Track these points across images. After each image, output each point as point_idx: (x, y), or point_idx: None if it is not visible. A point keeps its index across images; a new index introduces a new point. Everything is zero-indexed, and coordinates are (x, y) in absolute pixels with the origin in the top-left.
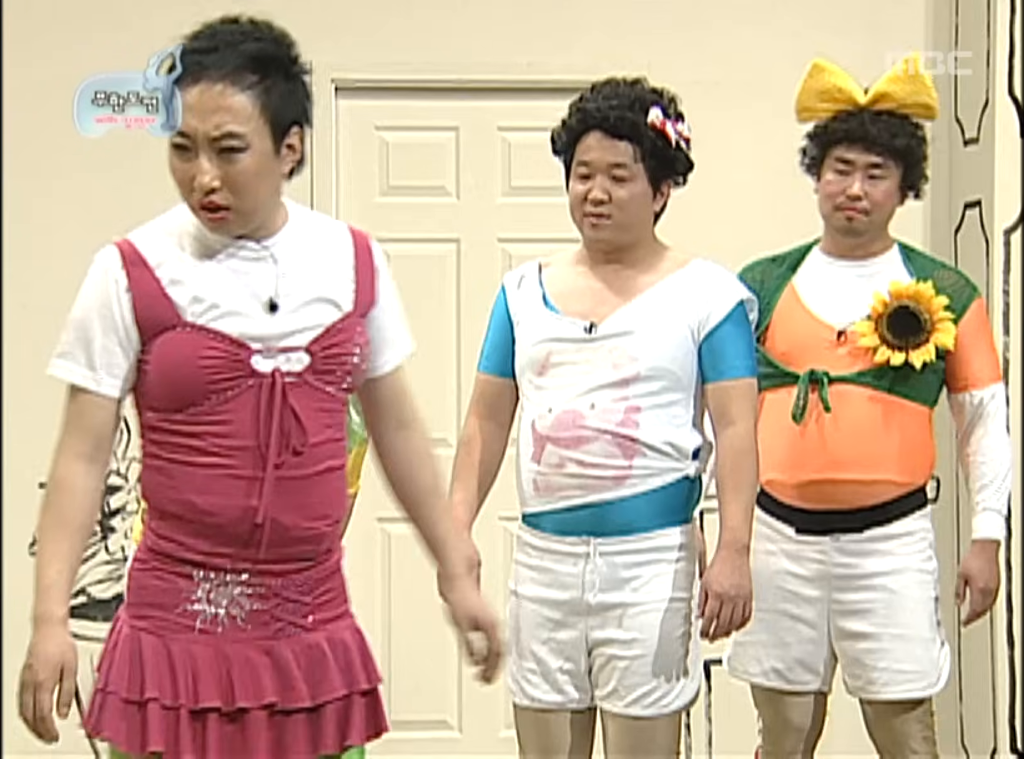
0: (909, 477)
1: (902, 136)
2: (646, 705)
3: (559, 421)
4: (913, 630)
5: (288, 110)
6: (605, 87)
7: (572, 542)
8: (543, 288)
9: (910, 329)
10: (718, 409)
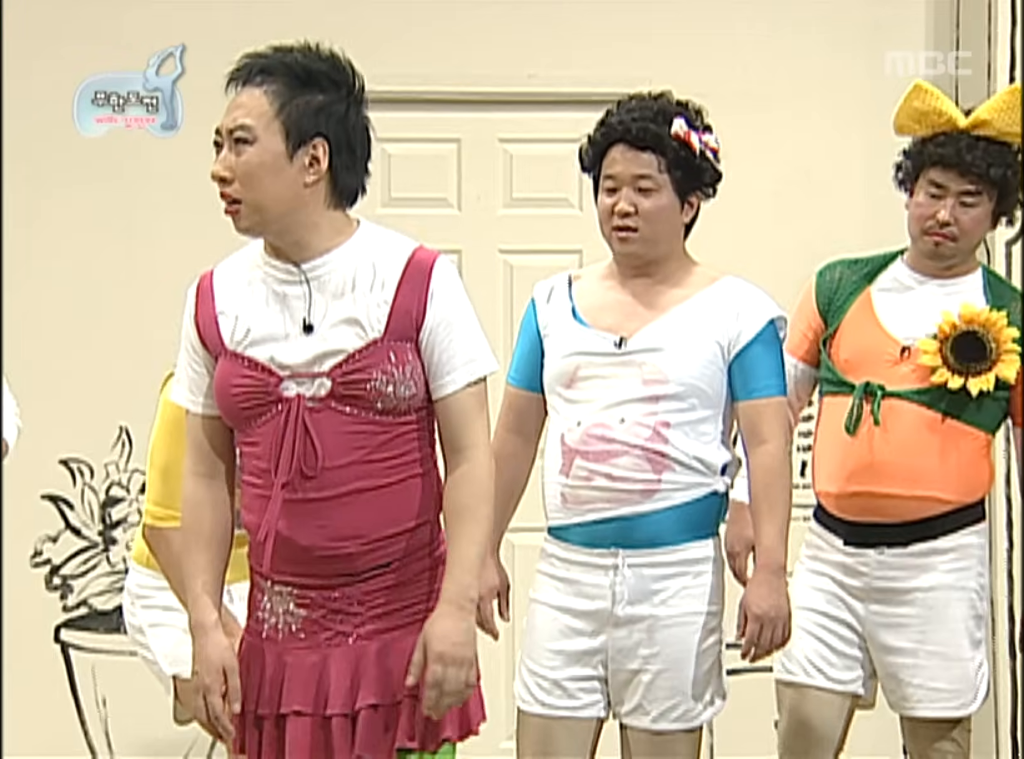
0: (956, 495)
1: (998, 165)
2: (672, 719)
3: (588, 435)
4: (951, 648)
5: (310, 120)
6: (630, 101)
7: (600, 554)
8: (572, 301)
9: (974, 355)
10: (749, 427)
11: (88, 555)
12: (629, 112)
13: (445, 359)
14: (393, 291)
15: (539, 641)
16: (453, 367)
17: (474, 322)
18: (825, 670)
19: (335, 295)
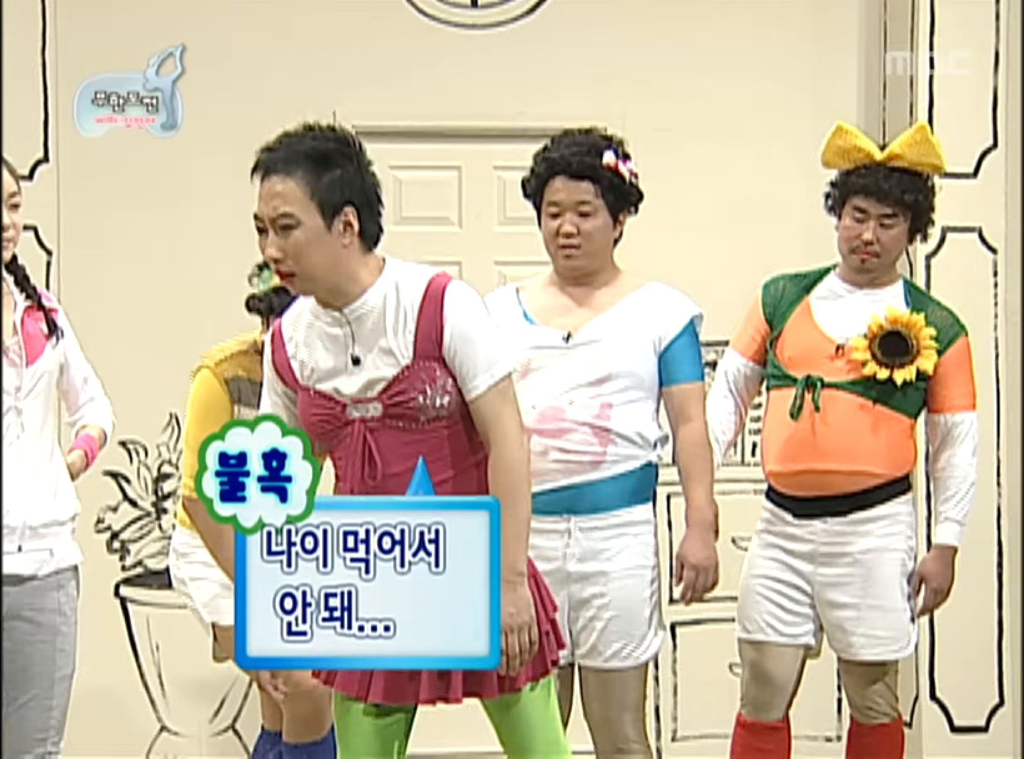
0: (886, 470)
1: (911, 191)
2: (622, 658)
3: (543, 415)
4: (887, 601)
5: (337, 193)
6: (564, 138)
7: (554, 520)
8: (522, 306)
9: (897, 351)
10: (677, 408)
11: (143, 523)
12: (567, 147)
13: (467, 368)
14: (415, 321)
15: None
16: (476, 374)
17: (489, 330)
18: (779, 627)
19: (372, 331)
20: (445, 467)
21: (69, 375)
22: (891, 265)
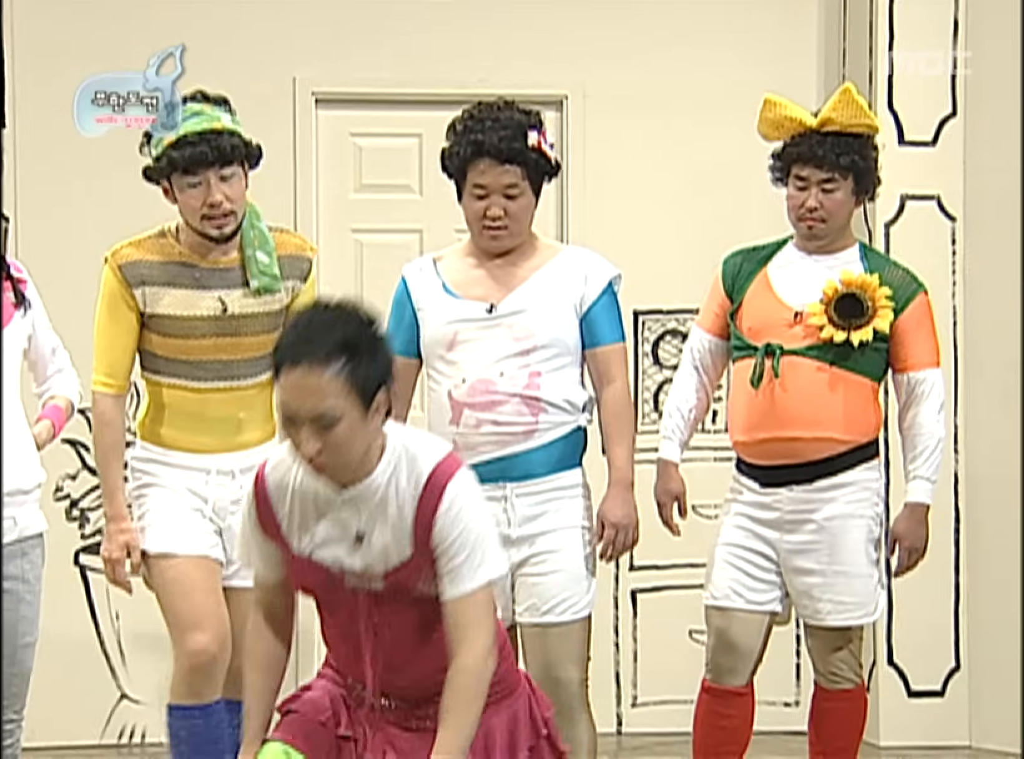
0: (850, 435)
1: (847, 153)
2: (559, 612)
3: (473, 388)
4: (853, 568)
5: (373, 379)
6: (486, 116)
7: (490, 488)
8: (441, 278)
9: (853, 313)
10: (599, 369)
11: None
12: (493, 130)
13: (451, 569)
14: (413, 514)
15: None
16: (460, 576)
17: (482, 532)
18: (745, 594)
19: (376, 510)
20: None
21: (37, 345)
22: (841, 229)
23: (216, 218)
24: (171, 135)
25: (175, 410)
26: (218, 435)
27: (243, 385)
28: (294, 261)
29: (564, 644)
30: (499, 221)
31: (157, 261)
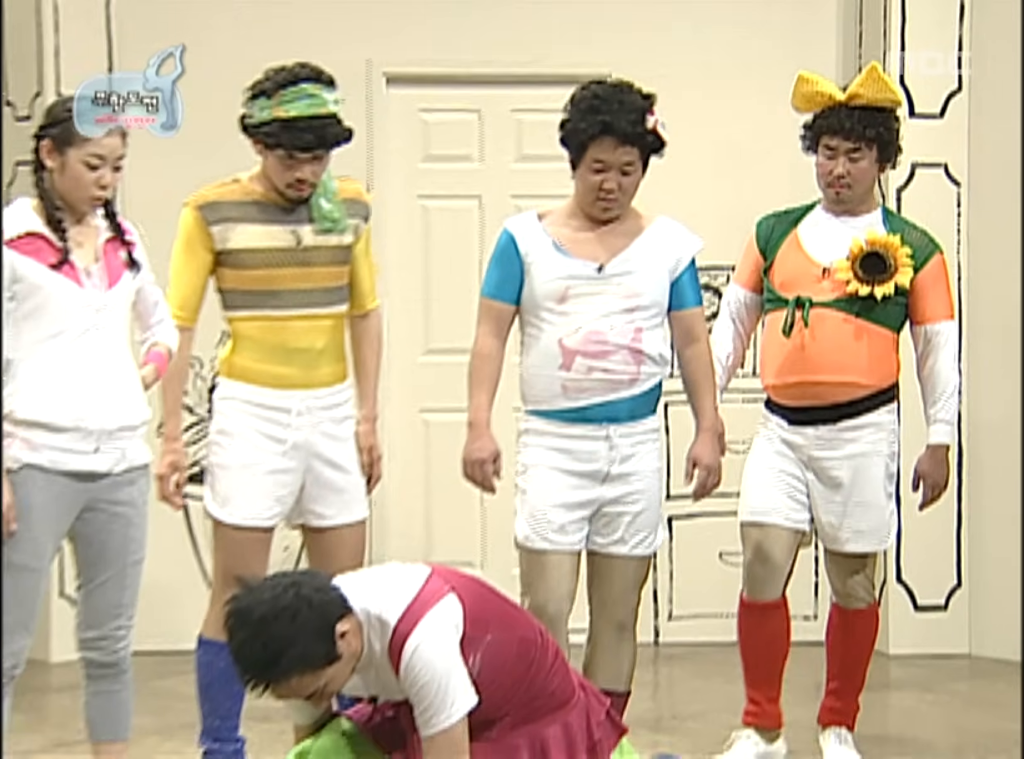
0: (871, 381)
1: (872, 126)
2: (646, 546)
3: (586, 338)
4: (872, 500)
5: (328, 644)
6: (612, 95)
7: (595, 428)
8: (549, 236)
9: (877, 269)
10: (685, 329)
11: (199, 427)
12: (618, 112)
13: (419, 714)
14: (393, 671)
15: (542, 494)
16: (426, 722)
17: (444, 679)
18: (781, 510)
19: (374, 679)
20: None
21: (143, 299)
22: (865, 194)
23: (298, 188)
24: (284, 110)
25: (258, 342)
26: (299, 366)
27: (319, 313)
28: (354, 204)
29: (637, 573)
30: (613, 194)
31: (234, 201)
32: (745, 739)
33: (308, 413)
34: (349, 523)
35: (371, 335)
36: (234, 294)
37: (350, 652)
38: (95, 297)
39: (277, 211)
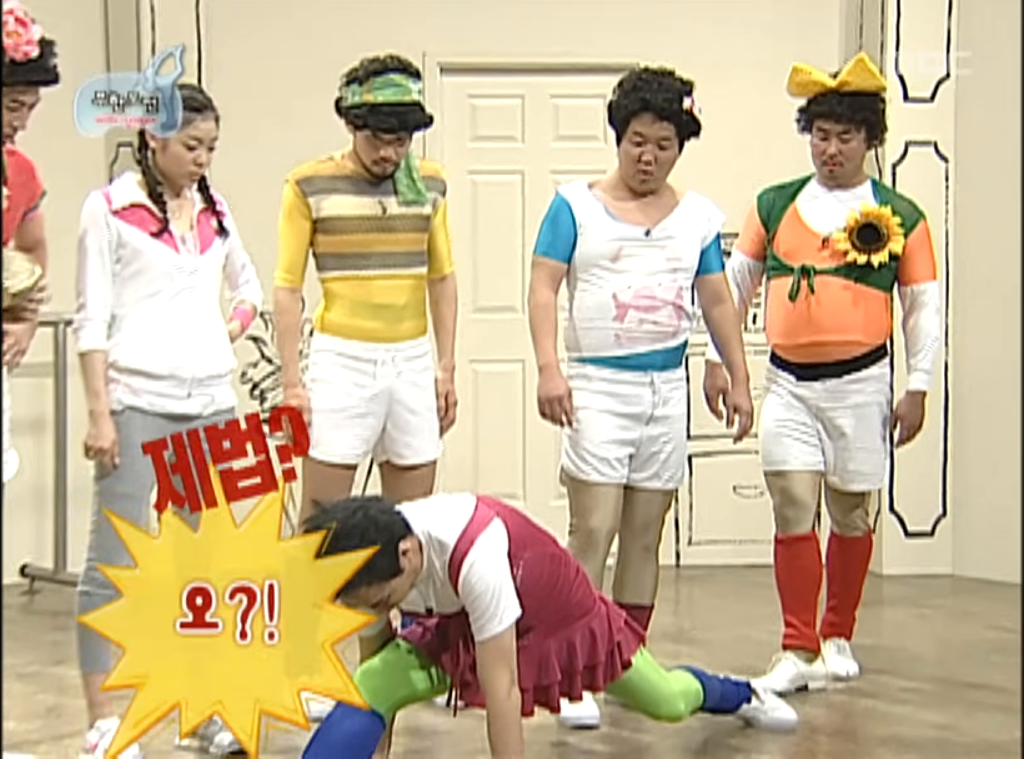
0: (870, 339)
1: (861, 110)
2: (676, 480)
3: (638, 294)
4: (872, 444)
5: (391, 560)
6: (653, 79)
7: (639, 375)
8: (601, 203)
9: (872, 239)
10: (714, 292)
11: (275, 376)
12: (658, 90)
13: (473, 621)
14: (452, 585)
15: (594, 433)
16: (480, 628)
17: (496, 591)
18: (799, 457)
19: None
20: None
21: (232, 262)
22: (856, 169)
23: (382, 165)
24: (372, 95)
25: (347, 299)
26: (384, 321)
27: (401, 273)
28: (432, 181)
29: (663, 504)
30: (650, 166)
31: (327, 175)
32: (784, 661)
33: (391, 363)
34: (424, 463)
35: (448, 296)
36: (327, 257)
37: (411, 568)
38: (189, 261)
39: (365, 184)
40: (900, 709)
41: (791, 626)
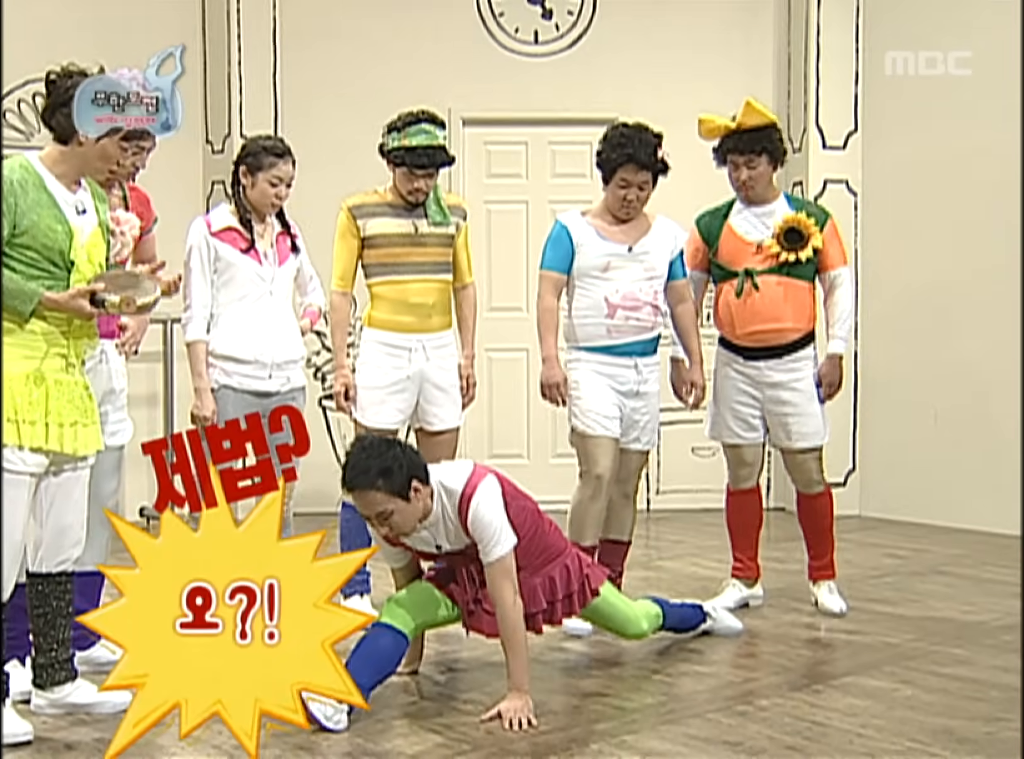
0: (802, 324)
1: (759, 142)
2: (651, 444)
3: (624, 296)
4: (808, 408)
5: (404, 483)
6: (634, 134)
7: (625, 360)
8: (591, 226)
9: (796, 239)
10: (678, 294)
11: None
12: (639, 146)
13: (482, 549)
14: (460, 525)
15: (596, 398)
16: (487, 553)
17: (496, 525)
18: (745, 434)
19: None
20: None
21: (302, 274)
22: (766, 188)
23: (415, 194)
24: (408, 140)
25: (388, 299)
26: (417, 316)
27: (431, 278)
28: (455, 208)
29: (641, 461)
30: (633, 203)
31: (373, 203)
32: (731, 587)
33: (423, 351)
34: (449, 429)
35: (469, 301)
36: (372, 266)
37: (418, 504)
38: (269, 272)
39: (402, 210)
40: (819, 620)
41: (738, 560)
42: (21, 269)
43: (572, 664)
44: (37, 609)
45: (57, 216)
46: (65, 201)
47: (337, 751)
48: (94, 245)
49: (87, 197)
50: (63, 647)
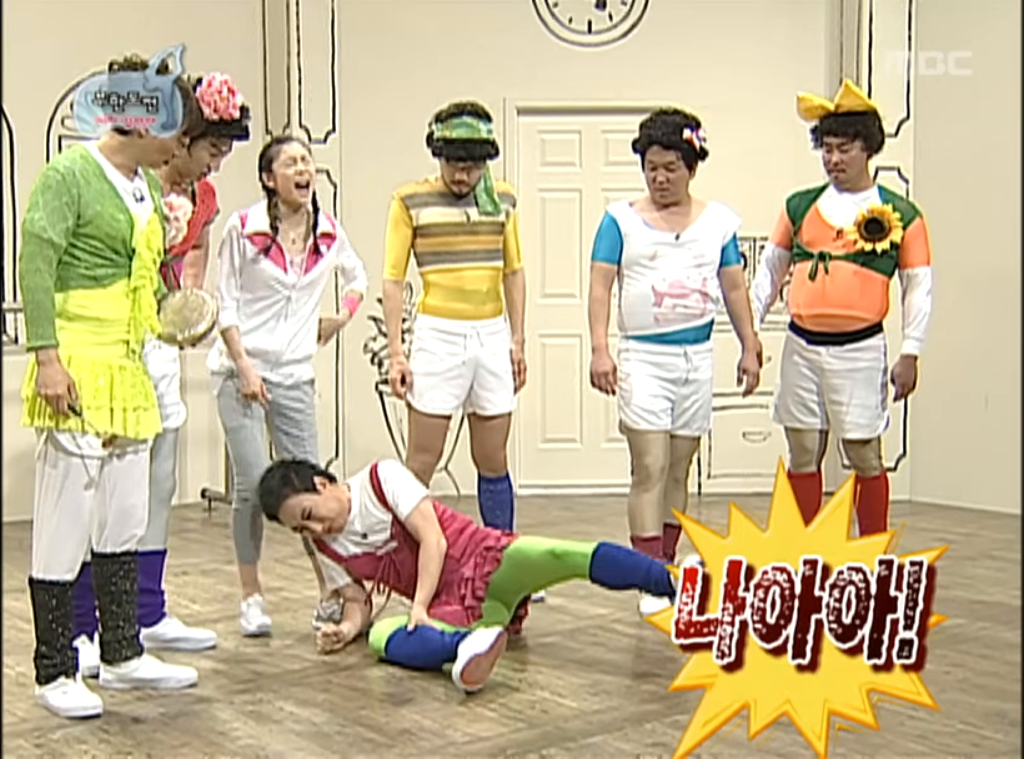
0: (871, 315)
1: (854, 125)
2: (703, 429)
3: (671, 285)
4: (867, 401)
5: (305, 480)
6: (658, 118)
7: (675, 347)
8: (639, 216)
9: (876, 230)
10: (731, 280)
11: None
12: (660, 126)
13: (397, 505)
14: (380, 504)
15: (644, 392)
16: (401, 506)
17: (403, 482)
18: (807, 420)
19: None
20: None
21: (344, 260)
22: (859, 175)
23: (458, 185)
24: (449, 132)
25: (442, 287)
26: (471, 304)
27: (483, 266)
28: (505, 196)
29: (693, 447)
30: (664, 184)
31: (424, 192)
32: None
33: (476, 337)
34: (502, 413)
35: (518, 286)
36: (425, 255)
37: (331, 495)
38: (291, 279)
39: (453, 198)
40: None
41: None
42: (85, 258)
43: (625, 646)
44: (103, 588)
45: (119, 205)
46: (124, 190)
47: (395, 727)
48: (152, 232)
49: (143, 185)
50: (129, 624)
